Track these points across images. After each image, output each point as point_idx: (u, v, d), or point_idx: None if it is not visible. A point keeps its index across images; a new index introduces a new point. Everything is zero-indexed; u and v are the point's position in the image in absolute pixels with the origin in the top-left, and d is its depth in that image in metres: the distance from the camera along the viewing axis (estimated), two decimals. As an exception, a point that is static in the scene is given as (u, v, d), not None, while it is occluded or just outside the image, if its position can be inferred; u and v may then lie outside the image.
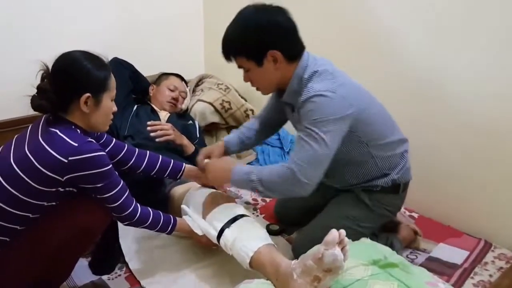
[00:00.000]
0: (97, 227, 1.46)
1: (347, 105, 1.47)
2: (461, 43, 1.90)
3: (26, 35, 2.31)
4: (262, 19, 1.47)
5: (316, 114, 1.44)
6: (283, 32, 1.48)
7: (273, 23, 1.47)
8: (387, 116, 1.69)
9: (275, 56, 1.48)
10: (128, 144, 1.71)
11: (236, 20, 1.51)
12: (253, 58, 1.50)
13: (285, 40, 1.48)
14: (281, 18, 1.48)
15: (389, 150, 1.65)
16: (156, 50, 2.80)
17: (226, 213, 1.61)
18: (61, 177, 1.29)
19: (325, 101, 1.44)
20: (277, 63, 1.50)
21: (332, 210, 1.75)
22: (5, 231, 1.32)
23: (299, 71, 1.52)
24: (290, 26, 1.50)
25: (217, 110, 2.62)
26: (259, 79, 1.57)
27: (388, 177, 1.67)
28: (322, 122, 1.44)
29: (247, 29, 1.48)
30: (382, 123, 1.63)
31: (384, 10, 2.11)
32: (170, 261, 1.74)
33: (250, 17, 1.49)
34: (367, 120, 1.55)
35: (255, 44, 1.47)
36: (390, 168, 1.67)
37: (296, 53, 1.53)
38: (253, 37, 1.47)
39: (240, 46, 1.50)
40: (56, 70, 1.35)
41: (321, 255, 1.21)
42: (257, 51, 1.48)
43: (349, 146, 1.59)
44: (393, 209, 1.76)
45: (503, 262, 1.78)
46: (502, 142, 1.86)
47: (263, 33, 1.46)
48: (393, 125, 1.70)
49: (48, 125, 1.34)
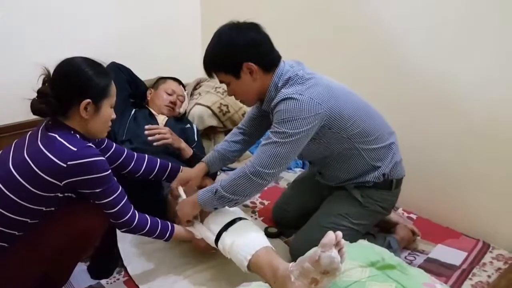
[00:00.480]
0: (96, 233, 1.47)
1: (315, 104, 1.51)
2: (461, 45, 1.91)
3: (27, 39, 2.32)
4: (234, 35, 1.57)
5: (283, 115, 1.51)
6: (255, 45, 1.57)
7: (245, 37, 1.56)
8: (369, 110, 1.71)
9: (250, 67, 1.56)
10: (127, 149, 1.72)
11: (213, 39, 1.61)
12: (230, 71, 1.58)
13: (257, 52, 1.57)
14: (253, 32, 1.58)
15: (374, 142, 1.67)
16: (154, 54, 2.81)
17: (224, 216, 1.62)
18: (60, 182, 1.29)
19: (292, 103, 1.50)
20: (254, 74, 1.58)
21: (325, 209, 1.77)
22: (3, 237, 1.32)
23: (275, 79, 1.60)
24: (262, 39, 1.59)
25: (215, 114, 2.63)
26: (240, 91, 1.64)
27: (378, 171, 1.68)
28: (288, 121, 1.50)
29: (222, 45, 1.58)
30: (362, 118, 1.64)
31: (387, 14, 2.12)
32: (169, 265, 1.74)
33: (224, 34, 1.58)
34: (342, 116, 1.58)
35: (230, 58, 1.57)
36: (378, 160, 1.68)
37: (270, 63, 1.60)
38: (228, 52, 1.56)
39: (217, 62, 1.60)
40: (58, 75, 1.36)
41: (318, 257, 1.21)
42: (233, 65, 1.57)
43: (331, 144, 1.63)
44: (386, 205, 1.76)
45: (501, 263, 1.78)
46: (500, 143, 1.87)
47: (236, 47, 1.55)
48: (377, 118, 1.72)
49: (48, 130, 1.35)
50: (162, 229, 1.54)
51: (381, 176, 1.69)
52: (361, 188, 1.72)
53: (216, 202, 1.58)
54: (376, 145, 1.67)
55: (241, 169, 1.55)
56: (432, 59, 2.00)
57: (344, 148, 1.64)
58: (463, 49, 1.90)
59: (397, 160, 1.73)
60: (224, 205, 1.60)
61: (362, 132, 1.63)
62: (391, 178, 1.71)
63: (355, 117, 1.61)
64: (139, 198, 1.59)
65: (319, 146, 1.64)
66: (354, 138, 1.62)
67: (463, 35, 1.89)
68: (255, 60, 1.56)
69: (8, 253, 1.34)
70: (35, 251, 1.36)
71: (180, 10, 2.92)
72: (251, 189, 1.55)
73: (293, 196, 1.99)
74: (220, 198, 1.55)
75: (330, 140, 1.62)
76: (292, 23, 2.53)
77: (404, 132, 1.86)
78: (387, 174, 1.69)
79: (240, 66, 1.56)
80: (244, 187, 1.53)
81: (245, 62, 1.55)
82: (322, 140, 1.61)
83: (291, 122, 1.49)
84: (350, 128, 1.60)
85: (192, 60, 3.00)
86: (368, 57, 2.24)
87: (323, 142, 1.62)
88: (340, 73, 1.83)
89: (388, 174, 1.70)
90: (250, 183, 1.52)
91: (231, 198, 1.55)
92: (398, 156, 1.75)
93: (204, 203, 1.60)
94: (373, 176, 1.69)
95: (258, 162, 1.52)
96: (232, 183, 1.54)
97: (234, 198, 1.55)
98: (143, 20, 2.76)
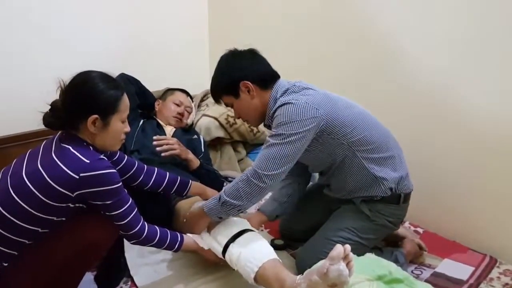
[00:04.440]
0: (105, 244, 1.47)
1: (311, 108, 1.57)
2: (467, 60, 1.91)
3: (40, 51, 2.38)
4: (230, 59, 1.72)
5: (280, 118, 1.57)
6: (250, 65, 1.69)
7: (240, 59, 1.71)
8: (370, 120, 1.73)
9: (247, 85, 1.67)
10: (137, 161, 1.73)
11: (216, 67, 1.76)
12: (230, 92, 1.71)
13: (253, 71, 1.68)
14: (248, 55, 1.72)
15: (375, 151, 1.68)
16: (162, 65, 2.84)
17: (232, 228, 1.62)
18: (72, 193, 1.30)
19: (288, 107, 1.57)
20: (251, 92, 1.68)
21: (332, 223, 1.77)
22: (13, 245, 1.33)
23: (273, 93, 1.69)
24: (256, 60, 1.72)
25: (222, 125, 2.64)
26: (242, 110, 1.75)
27: (384, 185, 1.68)
28: (285, 124, 1.55)
29: (221, 69, 1.73)
30: (363, 126, 1.67)
31: (392, 27, 2.14)
32: (175, 275, 1.74)
33: (222, 61, 1.73)
34: (341, 122, 1.62)
35: (228, 79, 1.70)
36: (380, 170, 1.68)
37: (266, 81, 1.70)
38: (226, 74, 1.71)
39: (218, 85, 1.74)
40: (69, 88, 1.37)
41: (326, 270, 1.21)
42: (231, 85, 1.69)
43: (332, 151, 1.66)
44: (394, 220, 1.76)
45: (508, 278, 1.77)
46: (508, 157, 1.86)
47: (232, 69, 1.69)
48: (379, 128, 1.73)
49: (61, 141, 1.36)
50: (171, 240, 1.55)
51: (388, 190, 1.69)
52: (369, 202, 1.72)
53: (220, 209, 1.60)
54: (377, 155, 1.68)
55: (242, 174, 1.60)
56: (438, 74, 2.01)
57: (345, 155, 1.66)
58: (469, 63, 1.91)
59: (403, 174, 1.73)
60: (228, 213, 1.62)
61: (362, 140, 1.65)
62: (399, 192, 1.71)
63: (355, 124, 1.64)
64: (146, 209, 1.60)
65: (321, 154, 1.67)
66: (354, 145, 1.64)
67: (470, 50, 1.90)
68: (250, 79, 1.67)
69: (17, 261, 1.34)
70: (44, 261, 1.36)
71: (189, 22, 2.96)
72: (252, 193, 1.57)
73: (301, 208, 1.99)
74: (224, 204, 1.58)
75: (331, 146, 1.64)
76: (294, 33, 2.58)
77: (411, 146, 1.86)
78: (394, 188, 1.69)
79: (238, 85, 1.67)
80: (246, 191, 1.56)
81: (241, 81, 1.66)
82: (323, 147, 1.65)
83: (288, 124, 1.55)
84: (350, 135, 1.63)
85: (200, 72, 3.04)
86: (373, 71, 2.25)
87: (324, 149, 1.65)
88: (344, 86, 1.85)
89: (396, 189, 1.70)
90: (251, 186, 1.56)
91: (234, 204, 1.57)
92: (403, 170, 1.74)
93: (210, 212, 1.62)
94: (380, 190, 1.68)
95: (257, 164, 1.57)
96: (234, 188, 1.58)
97: (238, 203, 1.57)
98: (152, 32, 2.80)
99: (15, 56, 2.32)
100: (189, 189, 1.80)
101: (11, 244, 1.32)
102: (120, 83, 1.44)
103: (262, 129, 2.74)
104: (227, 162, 2.66)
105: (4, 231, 1.31)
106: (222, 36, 2.97)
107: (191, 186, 1.81)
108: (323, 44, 2.44)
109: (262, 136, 2.75)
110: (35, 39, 2.35)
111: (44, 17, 2.36)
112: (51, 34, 2.40)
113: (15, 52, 2.31)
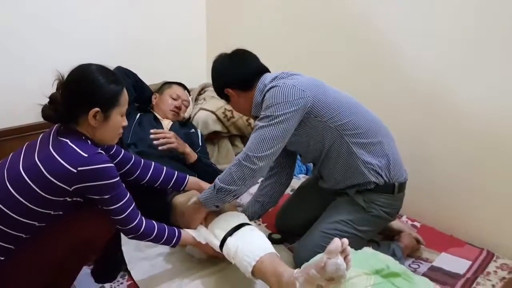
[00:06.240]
0: (102, 239, 1.47)
1: (298, 90, 1.60)
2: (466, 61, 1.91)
3: (39, 44, 2.36)
4: (216, 66, 1.78)
5: (268, 101, 1.61)
6: (229, 73, 1.74)
7: (222, 67, 1.76)
8: (359, 106, 1.74)
9: (230, 92, 1.75)
10: (134, 155, 1.72)
11: None
12: (221, 97, 1.82)
13: (232, 78, 1.74)
14: (228, 60, 1.75)
15: (363, 136, 1.68)
16: (160, 59, 2.83)
17: (229, 222, 1.62)
18: (69, 187, 1.30)
19: (275, 90, 1.61)
20: (236, 96, 1.75)
21: (328, 216, 1.77)
22: (10, 239, 1.32)
23: (260, 86, 1.71)
24: (237, 65, 1.75)
25: (219, 119, 2.64)
26: (235, 109, 1.87)
27: (375, 172, 1.67)
28: (273, 105, 1.59)
29: (212, 76, 1.81)
30: (350, 109, 1.68)
31: (392, 29, 2.13)
32: (172, 269, 1.74)
33: (212, 67, 1.80)
34: (328, 105, 1.64)
35: (216, 87, 1.82)
36: (370, 156, 1.67)
37: (247, 82, 1.73)
38: (214, 82, 1.81)
39: (215, 89, 1.85)
40: (69, 81, 1.36)
41: (324, 264, 1.21)
42: (219, 92, 1.81)
43: (320, 135, 1.67)
44: (390, 210, 1.75)
45: (505, 272, 1.78)
46: (505, 153, 1.87)
47: (216, 78, 1.79)
48: (368, 115, 1.74)
49: (59, 135, 1.35)
50: (168, 235, 1.54)
51: (379, 176, 1.68)
52: (363, 193, 1.71)
53: (215, 197, 1.62)
54: (365, 140, 1.68)
55: (234, 159, 1.64)
56: (437, 72, 2.01)
57: (333, 141, 1.66)
58: (469, 63, 1.91)
59: (395, 161, 1.72)
60: (224, 200, 1.63)
61: (349, 124, 1.66)
62: (393, 181, 1.71)
63: (342, 108, 1.66)
64: (143, 203, 1.59)
65: (311, 140, 1.69)
66: (341, 129, 1.65)
67: (470, 49, 1.89)
68: (231, 85, 1.74)
69: (15, 255, 1.34)
70: (41, 255, 1.36)
71: (186, 16, 2.94)
72: (244, 176, 1.59)
73: (297, 203, 1.99)
74: (219, 191, 1.60)
75: (319, 130, 1.66)
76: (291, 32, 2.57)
77: (410, 141, 1.86)
78: (385, 175, 1.68)
79: (223, 92, 1.77)
80: (238, 175, 1.58)
81: (224, 88, 1.75)
82: (312, 131, 1.66)
83: (275, 105, 1.58)
84: (337, 118, 1.64)
85: (197, 66, 3.03)
86: (373, 70, 2.25)
87: (313, 132, 1.67)
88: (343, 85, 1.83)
89: (388, 176, 1.69)
90: (242, 169, 1.58)
91: (229, 189, 1.59)
92: (394, 157, 1.73)
93: (206, 201, 1.64)
94: (371, 176, 1.67)
95: (248, 147, 1.60)
96: (227, 173, 1.62)
97: (232, 188, 1.60)
98: (150, 26, 2.78)
99: (13, 49, 2.29)
100: (187, 185, 1.79)
101: (8, 238, 1.31)
102: (119, 76, 1.43)
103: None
104: (225, 156, 2.65)
105: (1, 225, 1.30)
106: (219, 30, 2.96)
107: (189, 182, 1.79)
108: (322, 42, 2.43)
109: (260, 130, 2.75)
110: (34, 32, 2.33)
111: (43, 10, 2.34)
112: (50, 27, 2.38)
113: (13, 44, 2.29)
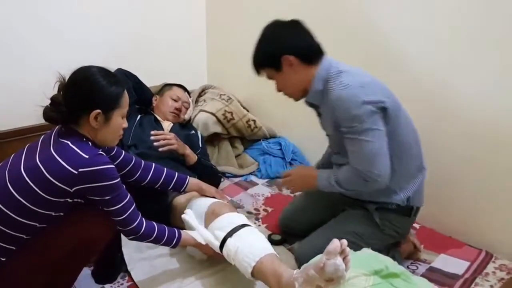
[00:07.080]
0: (102, 240, 1.47)
1: (379, 94, 1.54)
2: (467, 57, 1.91)
3: (39, 44, 2.37)
4: (271, 31, 1.62)
5: (351, 108, 1.50)
6: (293, 39, 1.59)
7: (283, 32, 1.61)
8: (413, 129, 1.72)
9: (289, 60, 1.58)
10: (135, 157, 1.73)
11: (258, 37, 1.65)
12: (271, 65, 1.61)
13: (295, 45, 1.58)
14: (291, 28, 1.61)
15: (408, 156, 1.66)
16: (160, 61, 2.84)
17: (229, 223, 1.62)
18: (70, 188, 1.30)
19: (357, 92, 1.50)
20: (293, 66, 1.59)
21: (338, 225, 1.75)
22: (11, 240, 1.33)
23: (322, 72, 1.59)
24: (299, 33, 1.61)
25: (219, 121, 2.65)
26: (283, 84, 1.66)
27: (403, 194, 1.66)
28: (360, 114, 1.49)
29: (262, 41, 1.63)
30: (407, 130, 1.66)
31: (393, 25, 2.13)
32: (172, 270, 1.75)
33: (265, 31, 1.63)
34: (395, 119, 1.58)
35: (270, 52, 1.60)
36: (406, 181, 1.66)
37: (310, 56, 1.60)
38: (267, 47, 1.61)
39: (260, 57, 1.64)
40: (71, 83, 1.37)
41: (323, 264, 1.22)
42: (273, 58, 1.60)
43: None
44: (402, 231, 1.75)
45: (504, 273, 1.78)
46: (504, 153, 1.87)
47: (274, 42, 1.60)
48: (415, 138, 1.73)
49: (60, 136, 1.36)
50: (169, 236, 1.55)
51: (405, 200, 1.67)
52: (382, 211, 1.69)
53: (330, 190, 1.65)
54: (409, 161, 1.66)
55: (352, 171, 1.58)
56: (437, 71, 2.01)
57: None
58: (469, 61, 1.90)
59: (420, 188, 1.72)
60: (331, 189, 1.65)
61: (403, 143, 1.63)
62: (413, 204, 1.70)
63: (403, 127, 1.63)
64: (143, 204, 1.60)
65: None
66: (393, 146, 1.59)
67: (470, 47, 1.89)
68: (293, 53, 1.57)
69: (15, 256, 1.34)
70: (42, 256, 1.36)
71: (186, 18, 2.95)
72: (368, 188, 1.58)
73: (304, 206, 1.96)
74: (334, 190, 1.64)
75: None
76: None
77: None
78: (410, 198, 1.67)
79: (279, 59, 1.58)
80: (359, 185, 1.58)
81: (283, 55, 1.57)
82: None
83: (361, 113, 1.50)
84: (398, 131, 1.60)
85: (198, 67, 3.04)
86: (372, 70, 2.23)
87: None
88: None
89: (411, 199, 1.68)
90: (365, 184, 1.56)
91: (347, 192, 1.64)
92: (422, 186, 1.72)
93: (320, 187, 1.67)
94: (398, 198, 1.66)
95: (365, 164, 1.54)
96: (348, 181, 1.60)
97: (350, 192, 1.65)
98: (150, 27, 2.79)
99: (14, 50, 2.31)
100: (187, 186, 1.80)
101: (9, 239, 1.32)
102: (120, 78, 1.44)
103: (259, 125, 2.74)
104: (225, 157, 2.66)
105: (2, 226, 1.30)
106: (220, 31, 2.97)
107: (189, 183, 1.80)
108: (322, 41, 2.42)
109: (259, 132, 2.75)
110: (34, 33, 2.34)
111: (44, 11, 2.35)
112: (51, 29, 2.39)
113: (14, 46, 2.30)
